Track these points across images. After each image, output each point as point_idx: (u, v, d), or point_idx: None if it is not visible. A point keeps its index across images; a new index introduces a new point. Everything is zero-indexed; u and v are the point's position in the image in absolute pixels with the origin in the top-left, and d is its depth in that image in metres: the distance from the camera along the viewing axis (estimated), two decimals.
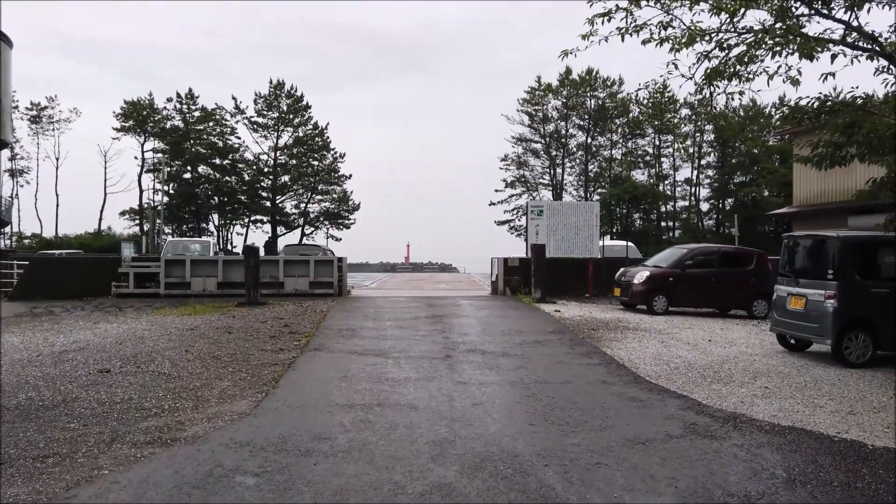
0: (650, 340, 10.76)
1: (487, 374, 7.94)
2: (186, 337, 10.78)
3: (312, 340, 10.29)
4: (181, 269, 17.07)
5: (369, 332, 11.16)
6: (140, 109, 55.05)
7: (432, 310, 14.55)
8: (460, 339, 10.51)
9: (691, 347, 10.18)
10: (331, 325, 11.83)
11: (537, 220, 18.62)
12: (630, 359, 9.09)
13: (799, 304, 9.15)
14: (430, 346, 9.85)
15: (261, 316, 13.43)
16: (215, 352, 9.45)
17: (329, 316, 13.11)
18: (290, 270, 17.52)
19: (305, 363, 8.58)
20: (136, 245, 30.02)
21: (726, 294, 14.88)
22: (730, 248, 15.79)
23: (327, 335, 10.75)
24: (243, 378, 7.81)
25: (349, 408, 6.33)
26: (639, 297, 14.77)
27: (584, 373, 8.09)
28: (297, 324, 12.32)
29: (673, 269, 14.84)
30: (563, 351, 9.54)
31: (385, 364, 8.46)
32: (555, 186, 59.13)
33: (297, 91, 56.35)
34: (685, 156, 61.35)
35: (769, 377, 8.09)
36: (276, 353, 9.46)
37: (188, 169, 55.34)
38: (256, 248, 15.63)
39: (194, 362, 8.70)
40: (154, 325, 12.30)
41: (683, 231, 59.13)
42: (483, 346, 9.88)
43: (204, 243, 21.30)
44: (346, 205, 59.44)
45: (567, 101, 58.81)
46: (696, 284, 14.76)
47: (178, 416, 6.18)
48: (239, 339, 10.64)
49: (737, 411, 6.43)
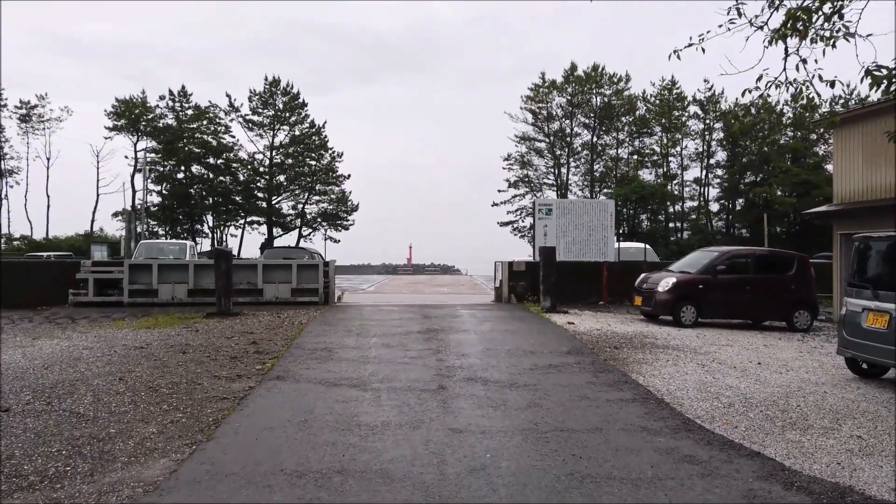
0: (687, 363, 8.94)
1: (491, 415, 6.13)
2: (131, 358, 8.99)
3: (279, 364, 8.49)
4: (148, 274, 15.26)
5: (349, 352, 9.35)
6: (132, 108, 53.39)
7: (427, 322, 12.73)
8: (458, 361, 8.70)
9: (740, 373, 8.35)
10: (305, 343, 10.03)
11: (545, 219, 16.78)
12: (669, 390, 7.27)
13: (880, 323, 7.32)
14: (420, 372, 8.04)
15: (229, 330, 11.63)
16: (156, 380, 7.67)
17: (307, 331, 11.29)
18: (269, 276, 15.71)
19: (260, 399, 6.78)
20: (111, 247, 28.15)
21: (763, 303, 13.04)
22: (767, 251, 13.94)
23: (298, 357, 8.95)
24: (176, 420, 6.03)
25: (298, 477, 4.53)
26: (664, 307, 12.94)
27: (616, 414, 6.27)
28: (267, 340, 10.52)
29: (702, 274, 13.00)
30: (585, 379, 7.72)
31: (360, 400, 6.66)
32: (559, 186, 57.27)
33: (294, 88, 54.64)
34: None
35: (855, 420, 6.26)
36: (231, 381, 7.67)
37: (181, 169, 53.61)
38: (228, 251, 13.83)
39: (123, 396, 6.92)
40: (101, 341, 10.51)
41: (692, 232, 57.24)
42: (485, 371, 8.07)
43: (180, 245, 19.47)
44: (345, 205, 57.67)
45: (572, 99, 56.96)
46: (729, 292, 12.93)
47: (57, 490, 4.38)
48: (193, 360, 8.85)
49: (838, 481, 4.62)
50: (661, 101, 58.25)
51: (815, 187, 51.55)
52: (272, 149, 54.89)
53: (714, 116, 58.28)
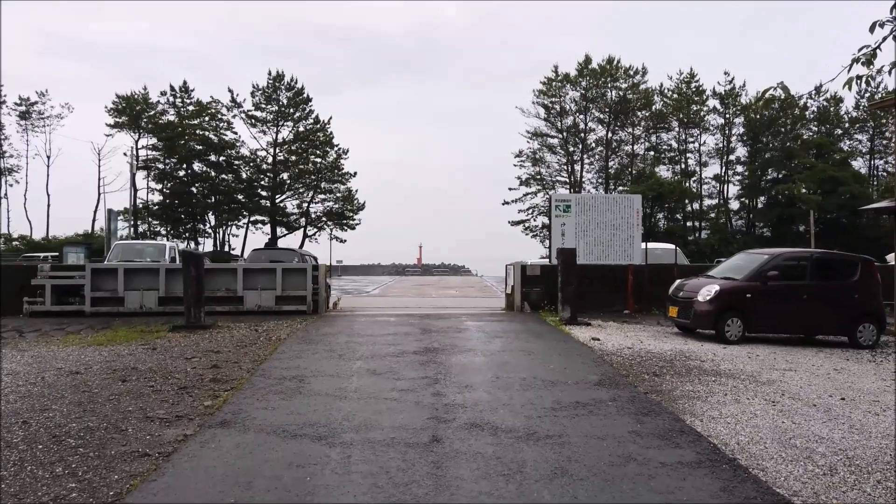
0: (751, 397, 7.05)
1: (503, 491, 4.30)
2: (56, 389, 7.24)
3: (233, 399, 6.70)
4: (114, 280, 13.54)
5: (324, 382, 7.53)
6: (133, 104, 52.02)
7: (427, 339, 10.90)
8: (459, 396, 6.86)
9: (824, 414, 6.45)
10: (273, 369, 8.22)
11: (563, 217, 14.88)
12: (741, 444, 5.41)
13: None
14: (409, 413, 6.21)
15: (192, 348, 9.86)
16: (69, 424, 5.91)
17: (281, 350, 9.48)
18: (251, 282, 13.94)
19: (188, 460, 4.98)
20: (87, 249, 26.52)
21: (822, 315, 11.12)
22: (826, 253, 11.96)
23: (259, 389, 7.15)
24: (60, 497, 4.25)
25: None
26: (705, 320, 11.04)
27: (679, 490, 4.41)
28: (232, 363, 8.75)
29: (750, 281, 11.08)
30: (627, 427, 5.85)
31: (323, 464, 4.84)
32: (573, 184, 55.24)
33: (298, 83, 52.99)
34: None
35: None
36: (166, 426, 5.89)
37: (183, 166, 52.11)
38: (199, 254, 12.08)
39: (12, 451, 5.16)
40: (35, 363, 8.77)
41: (712, 232, 55.03)
42: (494, 413, 6.22)
43: (158, 247, 17.64)
44: (351, 204, 55.96)
45: (586, 93, 54.93)
46: (782, 303, 11.02)
47: None
48: (131, 392, 7.09)
49: None
50: (679, 94, 56.06)
51: (841, 184, 49.21)
52: (276, 145, 53.31)
53: (734, 111, 56.03)
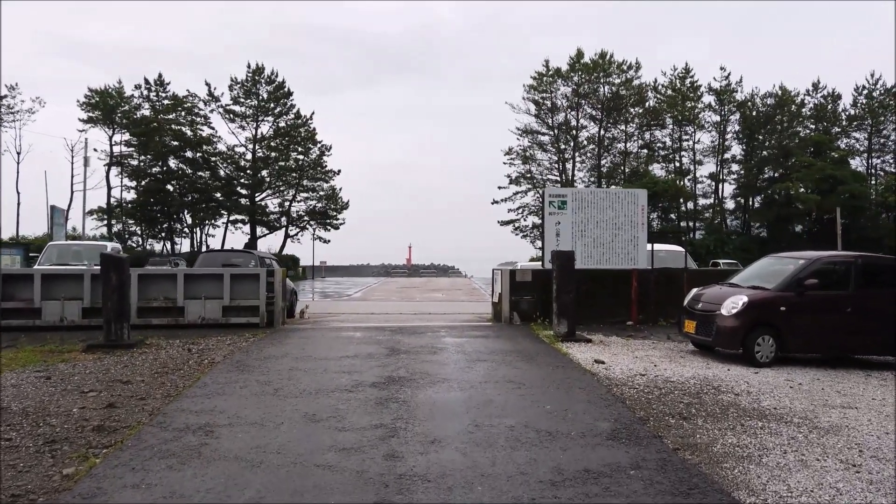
0: (820, 456, 5.15)
1: None
2: None
3: (100, 466, 4.72)
4: (29, 288, 11.51)
5: (239, 436, 5.54)
6: (107, 98, 49.66)
7: (393, 363, 8.93)
8: (422, 461, 4.90)
9: None
10: (180, 412, 6.22)
11: (558, 214, 12.97)
12: None
13: None
14: (345, 495, 4.24)
15: (97, 376, 7.85)
16: None
17: (203, 382, 7.47)
18: (194, 289, 11.93)
19: None
20: (25, 250, 24.22)
21: (868, 331, 9.27)
22: (873, 258, 10.06)
23: (147, 447, 5.15)
24: None
25: None
26: (730, 338, 9.14)
27: None
28: (136, 399, 6.76)
29: (784, 291, 9.20)
30: None
31: None
32: (564, 183, 53.45)
33: (278, 77, 50.84)
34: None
35: None
36: None
37: (158, 163, 49.79)
38: (120, 258, 10.03)
39: None
40: None
41: (707, 232, 53.46)
42: (469, 493, 4.26)
43: (99, 249, 15.48)
44: (335, 203, 53.89)
45: (578, 89, 53.17)
46: (824, 316, 9.17)
47: None
48: None
49: None
50: (673, 90, 54.42)
51: (840, 183, 47.78)
52: (255, 141, 51.13)
53: (730, 108, 54.49)
